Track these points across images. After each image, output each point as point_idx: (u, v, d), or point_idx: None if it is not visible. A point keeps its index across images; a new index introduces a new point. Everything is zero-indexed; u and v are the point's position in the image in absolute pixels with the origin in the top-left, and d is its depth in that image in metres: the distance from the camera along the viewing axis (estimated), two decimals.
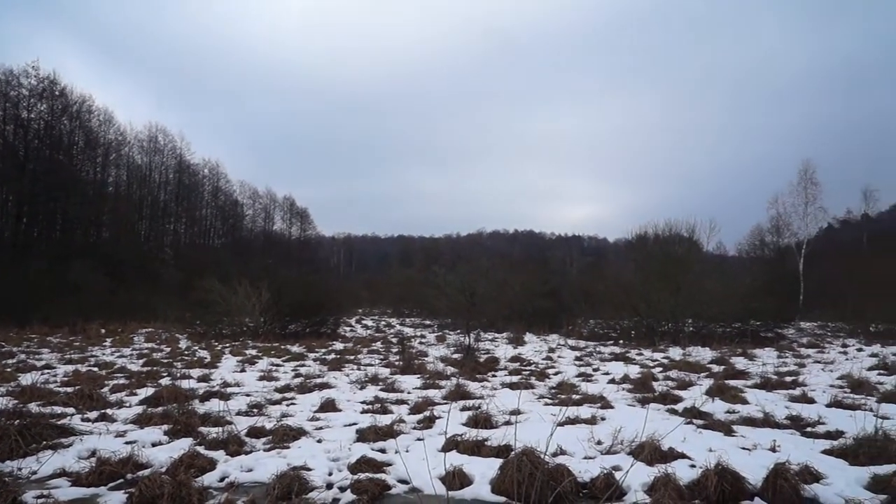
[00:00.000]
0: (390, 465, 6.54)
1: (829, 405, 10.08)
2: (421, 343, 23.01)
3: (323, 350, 19.75)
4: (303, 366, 15.63)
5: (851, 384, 11.87)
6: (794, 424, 8.68)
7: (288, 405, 10.22)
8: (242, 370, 14.63)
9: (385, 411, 9.59)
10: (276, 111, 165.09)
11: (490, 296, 24.10)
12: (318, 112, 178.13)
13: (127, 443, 7.31)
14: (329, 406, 9.83)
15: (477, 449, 7.03)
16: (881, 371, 14.23)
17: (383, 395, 11.21)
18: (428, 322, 34.65)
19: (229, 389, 11.55)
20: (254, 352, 18.56)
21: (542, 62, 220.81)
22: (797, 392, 11.23)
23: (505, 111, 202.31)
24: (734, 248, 53.89)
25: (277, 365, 15.74)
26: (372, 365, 15.69)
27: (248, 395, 10.99)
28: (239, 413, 9.24)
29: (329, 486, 6.04)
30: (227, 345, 21.05)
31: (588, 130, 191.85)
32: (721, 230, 58.43)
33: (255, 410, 9.61)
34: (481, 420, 8.49)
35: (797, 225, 47.39)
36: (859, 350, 19.97)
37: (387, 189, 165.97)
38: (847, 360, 16.80)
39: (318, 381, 12.69)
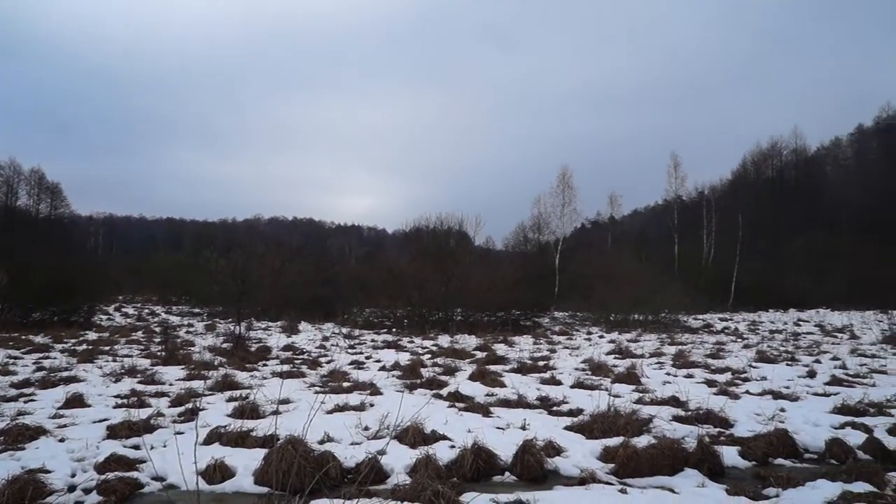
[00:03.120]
0: (144, 462, 6.12)
1: (573, 386, 11.22)
2: (188, 332, 21.78)
3: (73, 340, 17.90)
4: (47, 358, 14.06)
5: (592, 367, 13.28)
6: (543, 404, 9.54)
7: (26, 402, 9.15)
8: None
9: (142, 405, 8.95)
10: (29, 79, 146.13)
11: (264, 283, 23.44)
12: (80, 85, 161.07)
13: None
14: (76, 401, 8.95)
15: (241, 440, 6.83)
16: (617, 355, 16.09)
17: (141, 387, 10.45)
18: (197, 310, 32.82)
19: None
20: None
21: (329, 55, 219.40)
22: (547, 375, 12.37)
23: (285, 100, 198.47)
24: (501, 242, 57.88)
25: (16, 357, 13.98)
26: (130, 356, 14.53)
27: None
28: None
29: (72, 488, 5.52)
30: None
31: (371, 124, 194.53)
32: (488, 225, 62.54)
33: None
34: (248, 410, 8.25)
35: (555, 224, 52.18)
36: (601, 337, 22.42)
37: (155, 169, 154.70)
38: (590, 346, 18.78)
39: (65, 374, 11.51)
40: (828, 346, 18.90)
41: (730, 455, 6.77)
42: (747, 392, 10.72)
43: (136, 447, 6.63)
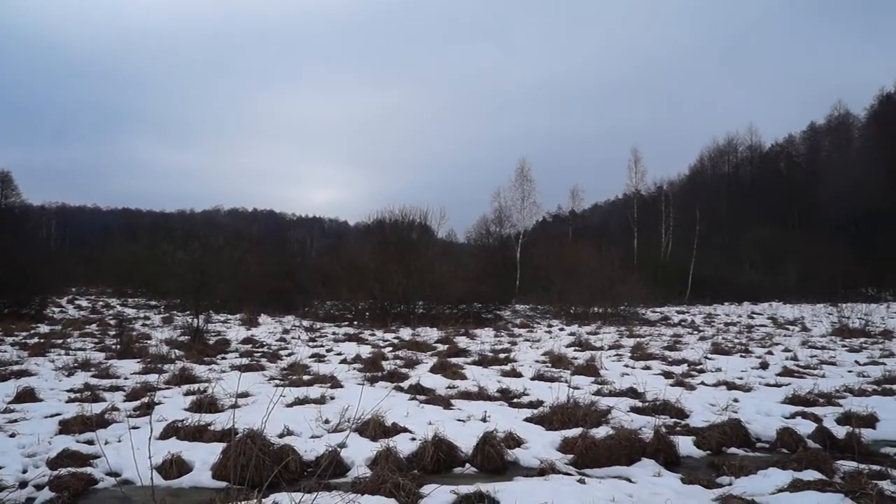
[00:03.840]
0: (98, 457, 5.99)
1: (533, 378, 11.32)
2: (144, 325, 21.37)
3: (24, 333, 17.43)
4: None
5: (552, 360, 13.42)
6: (504, 396, 9.62)
7: None
8: None
9: (96, 399, 8.76)
10: None
11: (224, 275, 23.13)
12: (31, 73, 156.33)
13: None
14: (27, 396, 8.73)
15: (199, 434, 6.76)
16: (577, 348, 16.29)
17: (95, 381, 10.23)
18: (154, 303, 32.19)
19: None
20: None
21: (292, 47, 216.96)
22: (508, 367, 12.45)
23: (247, 92, 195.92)
24: (463, 235, 57.97)
25: None
26: (84, 349, 14.20)
27: None
28: None
29: (23, 484, 5.39)
30: None
31: (335, 116, 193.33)
32: (452, 218, 62.65)
33: None
34: (206, 404, 8.15)
35: (516, 217, 52.38)
36: (561, 330, 22.65)
37: (111, 159, 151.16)
38: (551, 338, 18.96)
39: (16, 368, 11.20)
40: (780, 338, 19.39)
41: (685, 445, 6.92)
42: (702, 383, 10.95)
43: (90, 442, 6.49)
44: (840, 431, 7.34)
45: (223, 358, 13.67)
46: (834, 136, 65.60)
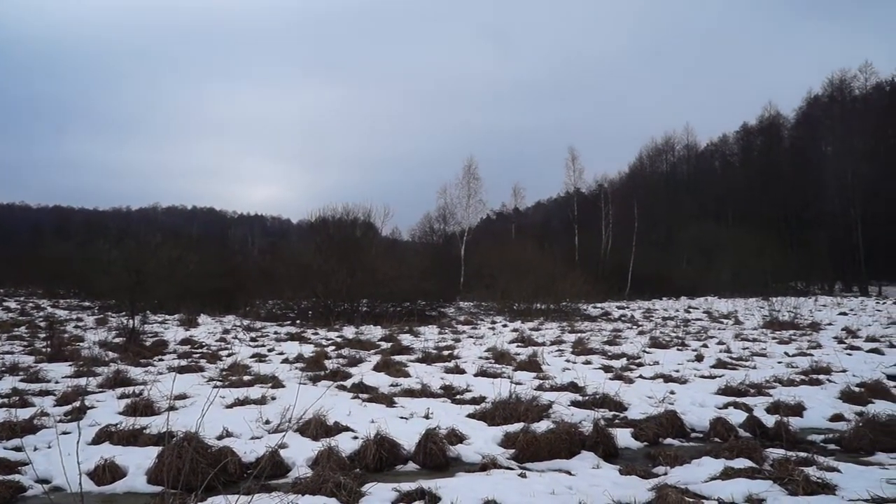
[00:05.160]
0: (27, 464, 5.76)
1: (476, 375, 11.40)
2: (77, 327, 20.62)
3: None
4: None
5: (495, 356, 13.52)
6: (447, 393, 9.65)
7: None
8: None
9: (25, 404, 8.41)
10: None
11: (161, 275, 22.50)
12: None
13: None
14: None
15: (134, 438, 6.57)
16: (519, 344, 16.45)
17: (23, 386, 9.80)
18: (87, 304, 31.09)
19: None
20: None
21: (235, 44, 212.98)
22: (452, 364, 12.50)
23: (188, 87, 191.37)
24: (408, 233, 57.97)
25: None
26: (12, 353, 13.62)
27: None
28: None
29: None
30: None
31: (277, 114, 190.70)
32: (397, 216, 62.52)
33: None
34: (141, 407, 7.93)
35: (461, 214, 52.69)
36: (504, 326, 22.85)
37: (41, 154, 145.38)
38: (494, 335, 19.10)
39: None
40: (715, 331, 20.02)
41: (623, 437, 7.09)
42: (641, 376, 11.21)
43: (18, 449, 6.22)
44: (770, 420, 7.64)
45: (160, 359, 13.31)
46: (765, 136, 68.07)
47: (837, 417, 8.03)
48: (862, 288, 49.70)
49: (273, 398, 8.95)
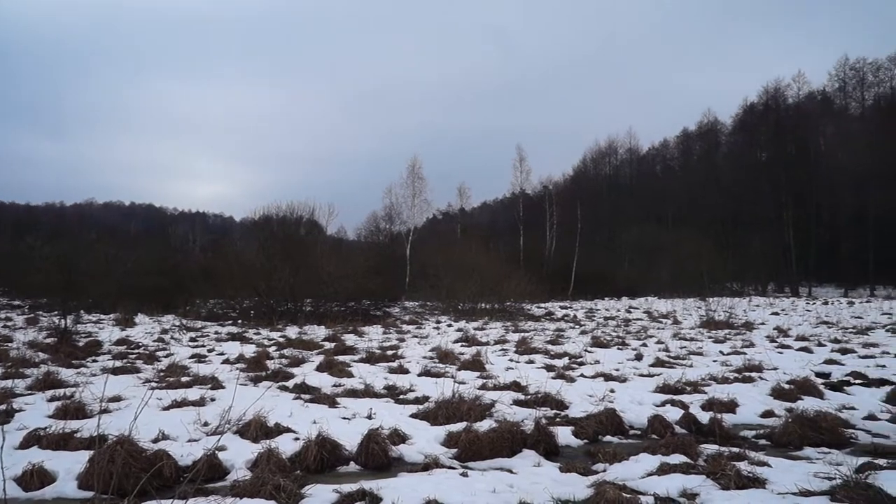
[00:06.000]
0: None
1: (420, 374, 11.40)
2: (5, 327, 19.78)
3: None
4: None
5: (440, 355, 13.52)
6: (390, 393, 9.61)
7: None
8: None
9: None
10: None
11: (96, 273, 21.79)
12: None
13: None
14: None
15: (64, 442, 6.33)
16: (464, 343, 16.51)
17: None
18: (17, 303, 29.89)
19: None
20: None
21: (178, 40, 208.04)
22: (396, 364, 12.46)
23: (125, 82, 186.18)
24: (353, 232, 57.59)
25: None
26: None
27: None
28: None
29: None
30: None
31: (219, 111, 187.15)
32: (342, 215, 62.17)
33: None
34: (73, 410, 7.65)
35: (406, 214, 52.70)
36: (449, 326, 22.91)
37: None
38: (439, 334, 19.12)
39: None
40: (654, 330, 20.51)
41: (564, 435, 7.19)
42: (582, 375, 11.38)
43: None
44: (705, 417, 7.87)
45: (94, 360, 12.87)
46: (704, 141, 70.18)
47: (768, 414, 8.33)
48: (793, 289, 51.77)
49: (212, 399, 8.76)
